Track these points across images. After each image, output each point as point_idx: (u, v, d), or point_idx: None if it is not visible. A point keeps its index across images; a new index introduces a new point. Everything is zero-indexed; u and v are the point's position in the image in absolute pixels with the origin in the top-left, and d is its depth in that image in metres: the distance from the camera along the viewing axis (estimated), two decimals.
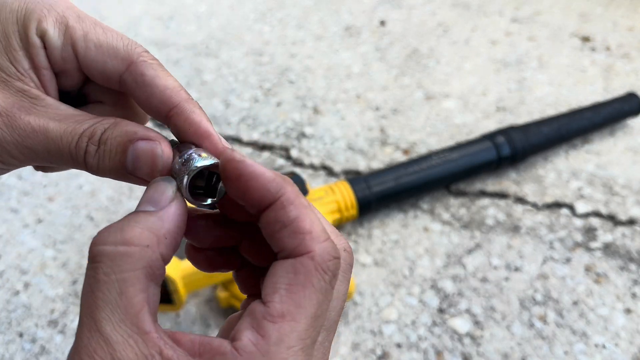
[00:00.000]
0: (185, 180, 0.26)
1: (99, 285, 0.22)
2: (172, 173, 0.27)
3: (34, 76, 0.28)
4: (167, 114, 0.28)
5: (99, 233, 0.24)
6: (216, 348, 0.22)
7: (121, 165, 0.27)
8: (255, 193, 0.24)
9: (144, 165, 0.27)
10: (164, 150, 0.27)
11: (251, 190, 0.24)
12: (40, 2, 0.28)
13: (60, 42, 0.28)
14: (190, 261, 0.30)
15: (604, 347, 0.66)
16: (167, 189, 0.25)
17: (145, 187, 0.27)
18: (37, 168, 0.33)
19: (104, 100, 0.32)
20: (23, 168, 0.96)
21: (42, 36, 0.28)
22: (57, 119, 0.28)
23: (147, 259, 0.23)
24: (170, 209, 0.25)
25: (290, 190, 0.24)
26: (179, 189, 0.26)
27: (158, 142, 0.27)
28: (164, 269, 0.24)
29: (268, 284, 0.24)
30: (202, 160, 0.26)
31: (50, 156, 0.28)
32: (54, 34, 0.28)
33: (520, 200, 0.85)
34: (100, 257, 0.23)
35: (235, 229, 0.29)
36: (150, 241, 0.23)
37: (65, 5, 0.29)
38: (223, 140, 0.29)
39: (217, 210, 0.29)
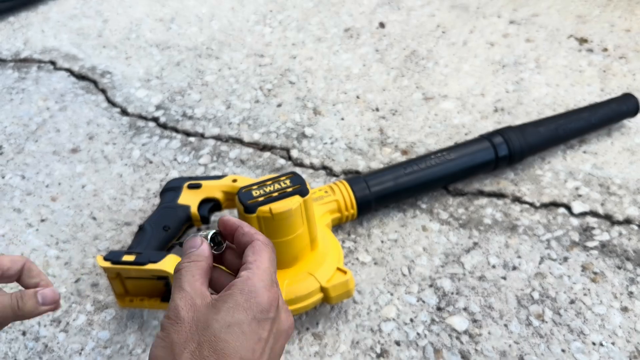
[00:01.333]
0: (210, 235, 0.47)
1: (181, 275, 0.43)
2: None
3: None
4: None
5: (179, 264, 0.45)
6: (229, 284, 0.42)
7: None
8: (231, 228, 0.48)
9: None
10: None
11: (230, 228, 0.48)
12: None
13: None
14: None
15: (601, 345, 0.67)
16: (196, 240, 0.46)
17: None
18: None
19: None
20: (26, 167, 0.97)
21: None
22: None
23: (202, 265, 0.44)
24: (202, 247, 0.45)
25: (245, 224, 0.47)
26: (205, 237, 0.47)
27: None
28: (211, 268, 0.45)
29: (243, 261, 0.44)
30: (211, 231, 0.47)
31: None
32: None
33: (518, 199, 0.86)
34: (181, 270, 0.43)
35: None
36: (200, 257, 0.45)
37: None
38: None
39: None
